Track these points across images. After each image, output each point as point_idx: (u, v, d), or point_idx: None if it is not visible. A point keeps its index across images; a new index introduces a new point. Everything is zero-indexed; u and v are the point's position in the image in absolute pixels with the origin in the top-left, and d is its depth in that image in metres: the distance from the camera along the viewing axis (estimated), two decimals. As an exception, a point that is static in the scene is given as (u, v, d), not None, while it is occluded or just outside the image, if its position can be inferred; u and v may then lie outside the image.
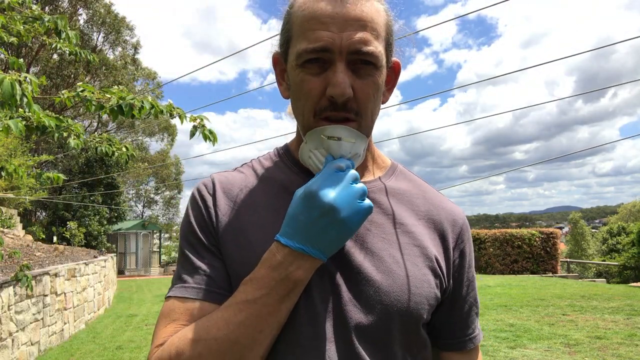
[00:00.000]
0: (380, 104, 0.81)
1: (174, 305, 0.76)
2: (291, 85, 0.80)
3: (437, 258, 0.82)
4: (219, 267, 0.78)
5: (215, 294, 0.76)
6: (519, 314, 7.90)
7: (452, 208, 0.90)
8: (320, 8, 0.73)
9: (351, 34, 0.72)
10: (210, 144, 3.55)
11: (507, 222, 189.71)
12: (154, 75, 29.30)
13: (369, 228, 0.81)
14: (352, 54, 0.73)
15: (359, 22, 0.73)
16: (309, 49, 0.73)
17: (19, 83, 2.43)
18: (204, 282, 0.77)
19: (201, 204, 0.83)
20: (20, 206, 16.68)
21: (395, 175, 0.91)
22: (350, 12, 0.73)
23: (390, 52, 0.81)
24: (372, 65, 0.75)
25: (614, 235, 25.91)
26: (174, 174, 35.55)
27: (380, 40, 0.76)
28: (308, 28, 0.74)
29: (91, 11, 24.82)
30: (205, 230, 0.80)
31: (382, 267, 0.77)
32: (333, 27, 0.72)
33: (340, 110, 0.74)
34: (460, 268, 0.86)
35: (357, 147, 0.76)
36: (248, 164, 0.91)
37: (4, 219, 12.32)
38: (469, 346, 0.88)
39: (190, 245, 0.80)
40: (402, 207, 0.85)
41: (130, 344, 6.69)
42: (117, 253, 19.76)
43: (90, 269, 9.05)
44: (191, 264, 0.79)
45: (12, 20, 3.55)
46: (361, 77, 0.75)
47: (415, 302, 0.77)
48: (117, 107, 3.22)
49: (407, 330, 0.78)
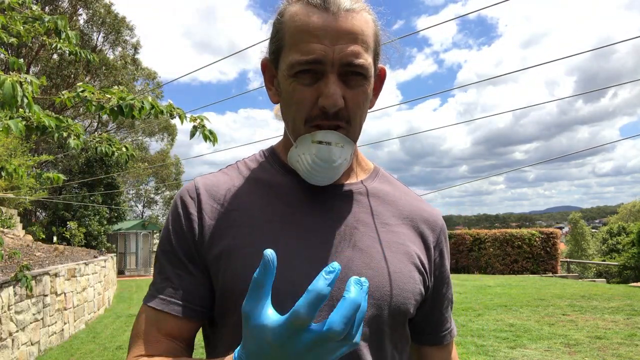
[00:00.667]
0: (367, 110, 0.84)
1: (147, 315, 0.80)
2: (282, 92, 0.82)
3: (419, 256, 0.86)
4: (189, 280, 0.80)
5: (178, 305, 0.79)
6: (519, 314, 7.90)
7: (431, 210, 0.94)
8: (313, 21, 0.75)
9: (343, 47, 0.74)
10: (210, 144, 3.55)
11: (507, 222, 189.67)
12: (154, 75, 29.29)
13: (357, 226, 0.83)
14: (344, 66, 0.75)
15: (350, 35, 0.75)
16: (302, 61, 0.75)
17: (19, 84, 2.43)
18: (173, 295, 0.79)
19: (181, 211, 0.83)
20: (20, 206, 16.67)
21: (378, 178, 0.94)
22: (342, 25, 0.75)
23: (377, 61, 0.84)
24: (362, 76, 0.77)
25: (614, 235, 25.91)
26: (174, 174, 35.54)
27: (370, 52, 0.79)
28: (300, 40, 0.76)
29: (91, 11, 24.80)
30: (182, 240, 0.81)
31: (372, 264, 0.80)
32: (325, 40, 0.74)
33: (332, 119, 0.77)
34: (441, 266, 0.91)
35: (346, 152, 0.79)
36: (233, 166, 0.92)
37: (4, 219, 12.32)
38: (447, 340, 0.95)
39: (165, 253, 0.82)
40: (385, 208, 0.89)
41: (130, 344, 6.69)
42: (117, 253, 19.74)
43: (90, 269, 9.05)
44: (163, 271, 0.82)
45: (12, 20, 3.55)
46: (352, 87, 0.77)
47: (404, 297, 0.80)
48: (117, 108, 3.22)
49: (395, 325, 0.81)
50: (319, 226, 0.81)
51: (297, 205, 0.83)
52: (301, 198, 0.84)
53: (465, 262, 17.65)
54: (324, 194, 0.85)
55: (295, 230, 0.80)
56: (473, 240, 17.89)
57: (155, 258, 0.85)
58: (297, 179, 0.85)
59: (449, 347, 0.97)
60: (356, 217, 0.84)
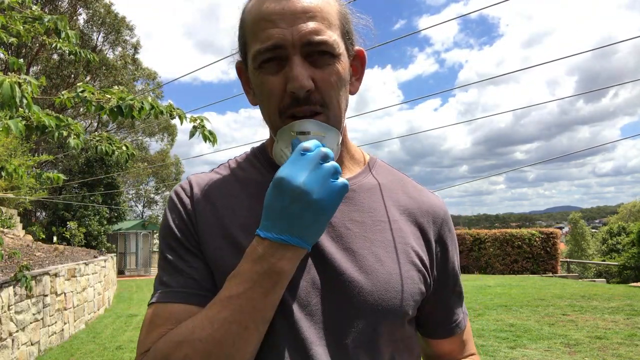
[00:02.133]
0: (347, 94, 0.81)
1: (158, 311, 0.75)
2: (255, 89, 0.80)
3: (419, 253, 0.82)
4: (202, 269, 0.77)
5: (200, 296, 0.74)
6: (519, 314, 7.89)
7: (433, 200, 0.89)
8: (267, 7, 0.74)
9: (301, 27, 0.72)
10: (211, 144, 3.55)
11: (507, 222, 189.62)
12: (154, 76, 29.27)
13: (349, 227, 0.80)
14: (306, 46, 0.72)
15: (307, 13, 0.73)
16: (262, 49, 0.73)
17: (18, 85, 2.42)
18: (187, 285, 0.76)
19: (180, 206, 0.82)
20: (20, 206, 16.67)
21: (374, 170, 0.90)
22: (296, 6, 0.73)
23: (350, 41, 0.81)
24: (329, 54, 0.74)
25: (614, 235, 25.89)
26: (174, 173, 35.53)
27: (334, 29, 0.76)
28: (258, 29, 0.74)
29: (91, 11, 24.79)
30: (185, 232, 0.79)
31: (365, 267, 0.76)
32: (282, 23, 0.72)
33: (304, 104, 0.74)
34: (444, 260, 0.87)
35: (330, 141, 0.75)
36: (225, 165, 0.90)
37: (4, 219, 12.31)
38: (456, 332, 0.91)
39: (171, 248, 0.79)
40: (382, 202, 0.84)
41: (130, 344, 6.68)
42: (117, 253, 19.75)
43: (90, 269, 9.05)
44: (174, 267, 0.78)
45: (12, 20, 3.55)
46: (320, 67, 0.74)
47: (400, 299, 0.77)
48: (117, 108, 3.22)
49: (392, 328, 0.78)
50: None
51: None
52: None
53: (465, 262, 17.63)
54: None
55: None
56: (473, 240, 17.88)
57: (160, 256, 0.82)
58: None
59: (460, 337, 0.92)
60: (348, 216, 0.81)
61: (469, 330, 0.95)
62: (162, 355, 0.69)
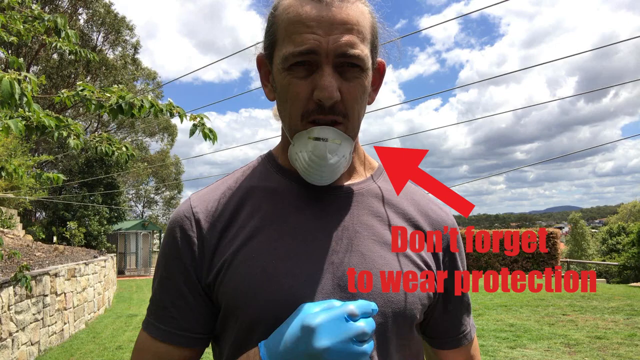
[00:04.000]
0: (366, 105, 0.82)
1: (145, 343, 0.82)
2: (277, 88, 0.79)
3: (425, 258, 0.83)
4: (188, 309, 0.79)
5: (177, 336, 0.79)
6: (519, 314, 7.89)
7: (440, 211, 0.90)
8: (305, 11, 0.73)
9: (337, 37, 0.72)
10: (210, 144, 3.55)
11: (507, 222, 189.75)
12: (154, 75, 29.29)
13: (359, 230, 0.80)
14: (339, 57, 0.73)
15: (345, 25, 0.73)
16: (296, 52, 0.73)
17: (18, 82, 2.42)
18: (167, 323, 0.80)
19: (178, 235, 0.81)
20: (20, 206, 16.67)
21: (383, 177, 0.90)
22: (336, 16, 0.73)
23: (375, 54, 0.82)
24: (359, 67, 0.75)
25: (614, 235, 25.90)
26: (174, 173, 35.55)
27: (366, 43, 0.76)
28: (294, 31, 0.74)
29: (91, 11, 24.80)
30: (179, 267, 0.80)
31: (373, 269, 0.77)
32: (319, 30, 0.72)
33: (328, 113, 0.74)
34: (452, 270, 0.88)
35: (344, 149, 0.76)
36: (230, 175, 0.90)
37: (4, 219, 12.32)
38: (463, 343, 0.91)
39: (162, 281, 0.82)
40: (389, 209, 0.85)
41: (130, 344, 6.68)
42: (117, 253, 19.74)
43: (90, 269, 9.05)
44: (162, 302, 0.81)
45: (11, 19, 3.55)
46: (348, 79, 0.75)
47: (408, 302, 0.77)
48: (117, 106, 3.21)
49: (401, 332, 0.78)
50: (316, 231, 0.79)
51: (295, 210, 0.81)
52: (299, 202, 0.82)
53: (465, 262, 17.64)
54: (324, 196, 0.82)
55: (290, 237, 0.78)
56: (472, 240, 17.87)
57: (154, 279, 0.84)
58: (296, 182, 0.83)
59: (468, 350, 0.93)
60: (357, 219, 0.81)
61: (476, 346, 0.96)
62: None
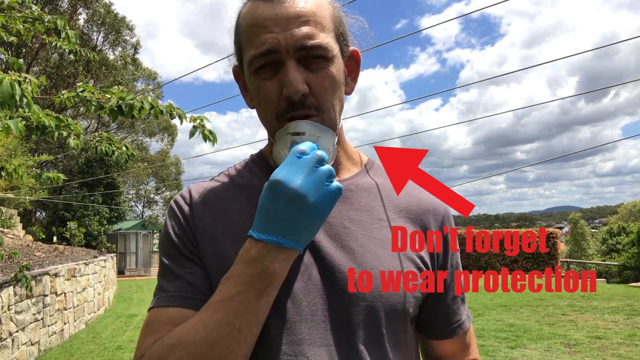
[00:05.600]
0: (342, 94, 0.82)
1: (156, 315, 0.76)
2: (251, 93, 0.81)
3: (419, 250, 0.82)
4: (199, 274, 0.78)
5: (196, 300, 0.75)
6: (519, 314, 7.90)
7: (432, 199, 0.89)
8: (260, 13, 0.75)
9: (294, 31, 0.73)
10: (210, 144, 3.55)
11: (507, 222, 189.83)
12: (154, 75, 29.29)
13: (347, 226, 0.80)
14: (299, 50, 0.73)
15: (299, 18, 0.74)
16: (257, 54, 0.74)
17: (18, 83, 2.42)
18: (184, 290, 0.77)
19: (179, 214, 0.83)
20: (20, 206, 16.67)
21: (372, 170, 0.90)
22: (289, 11, 0.74)
23: (345, 42, 0.82)
24: (323, 57, 0.75)
25: (614, 235, 25.91)
26: (174, 174, 35.55)
27: (328, 32, 0.77)
28: (253, 34, 0.75)
29: (91, 11, 24.80)
30: (183, 239, 0.81)
31: (363, 264, 0.77)
32: (276, 28, 0.73)
33: (300, 108, 0.75)
34: (444, 258, 0.87)
35: (325, 142, 0.76)
36: (224, 173, 0.91)
37: (4, 219, 12.32)
38: (457, 332, 0.90)
39: (170, 256, 0.81)
40: (381, 202, 0.85)
41: (130, 344, 6.69)
42: (117, 253, 19.73)
43: (90, 269, 9.05)
44: (171, 272, 0.79)
45: (11, 19, 3.55)
46: (314, 71, 0.75)
47: (400, 297, 0.77)
48: (117, 108, 3.21)
49: (394, 326, 0.77)
50: None
51: None
52: None
53: (465, 262, 17.66)
54: None
55: None
56: (472, 240, 17.87)
57: (160, 264, 0.84)
58: None
59: (462, 338, 0.91)
60: (346, 215, 0.81)
61: (472, 334, 0.95)
62: (157, 358, 0.69)
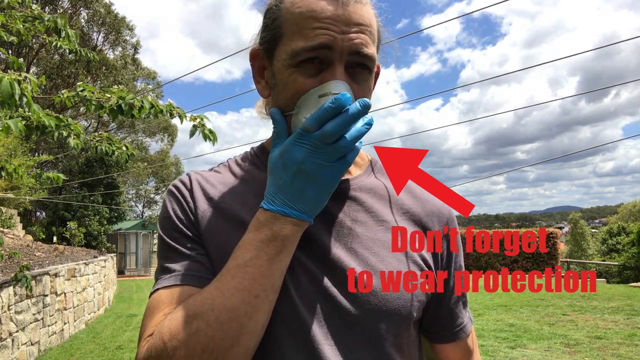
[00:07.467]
0: None
1: (161, 297, 0.72)
2: (278, 84, 0.77)
3: (422, 252, 0.81)
4: (205, 254, 0.76)
5: (205, 279, 0.72)
6: (519, 314, 7.90)
7: (436, 201, 0.88)
8: (320, 7, 0.71)
9: (352, 36, 0.71)
10: (211, 144, 3.54)
11: (507, 222, 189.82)
12: (154, 75, 29.30)
13: (352, 227, 0.79)
14: (352, 55, 0.72)
15: (359, 25, 0.72)
16: (308, 47, 0.70)
17: (18, 83, 2.42)
18: (197, 269, 0.74)
19: (181, 197, 0.81)
20: (20, 206, 16.67)
21: (375, 171, 0.89)
22: (352, 16, 0.72)
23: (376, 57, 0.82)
24: (368, 69, 0.75)
25: (614, 235, 25.90)
26: (174, 174, 35.53)
27: (375, 45, 0.77)
28: (306, 26, 0.71)
29: (91, 11, 24.80)
30: (186, 222, 0.79)
31: (368, 267, 0.76)
32: (334, 27, 0.71)
33: None
34: (448, 261, 0.86)
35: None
36: (224, 164, 0.90)
37: (4, 219, 12.32)
38: (460, 336, 0.90)
39: (173, 237, 0.78)
40: (384, 204, 0.84)
41: (130, 344, 6.69)
42: (117, 253, 19.72)
43: (90, 269, 9.05)
44: (179, 253, 0.76)
45: (11, 19, 3.55)
46: (357, 82, 0.74)
47: (404, 300, 0.76)
48: (117, 107, 3.21)
49: (398, 330, 0.77)
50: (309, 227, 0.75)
51: None
52: None
53: (465, 262, 17.62)
54: None
55: None
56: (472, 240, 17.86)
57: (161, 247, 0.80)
58: None
59: (464, 342, 0.91)
60: (351, 216, 0.80)
61: (474, 339, 0.94)
62: (170, 333, 0.65)
